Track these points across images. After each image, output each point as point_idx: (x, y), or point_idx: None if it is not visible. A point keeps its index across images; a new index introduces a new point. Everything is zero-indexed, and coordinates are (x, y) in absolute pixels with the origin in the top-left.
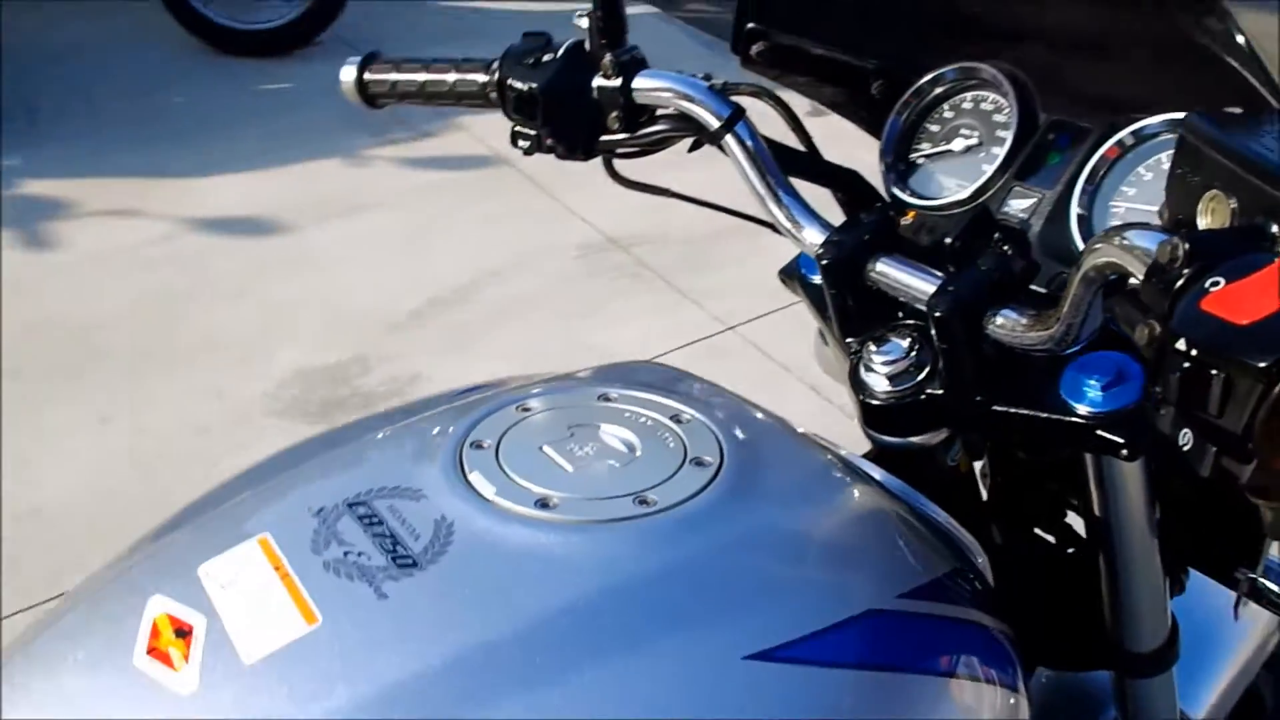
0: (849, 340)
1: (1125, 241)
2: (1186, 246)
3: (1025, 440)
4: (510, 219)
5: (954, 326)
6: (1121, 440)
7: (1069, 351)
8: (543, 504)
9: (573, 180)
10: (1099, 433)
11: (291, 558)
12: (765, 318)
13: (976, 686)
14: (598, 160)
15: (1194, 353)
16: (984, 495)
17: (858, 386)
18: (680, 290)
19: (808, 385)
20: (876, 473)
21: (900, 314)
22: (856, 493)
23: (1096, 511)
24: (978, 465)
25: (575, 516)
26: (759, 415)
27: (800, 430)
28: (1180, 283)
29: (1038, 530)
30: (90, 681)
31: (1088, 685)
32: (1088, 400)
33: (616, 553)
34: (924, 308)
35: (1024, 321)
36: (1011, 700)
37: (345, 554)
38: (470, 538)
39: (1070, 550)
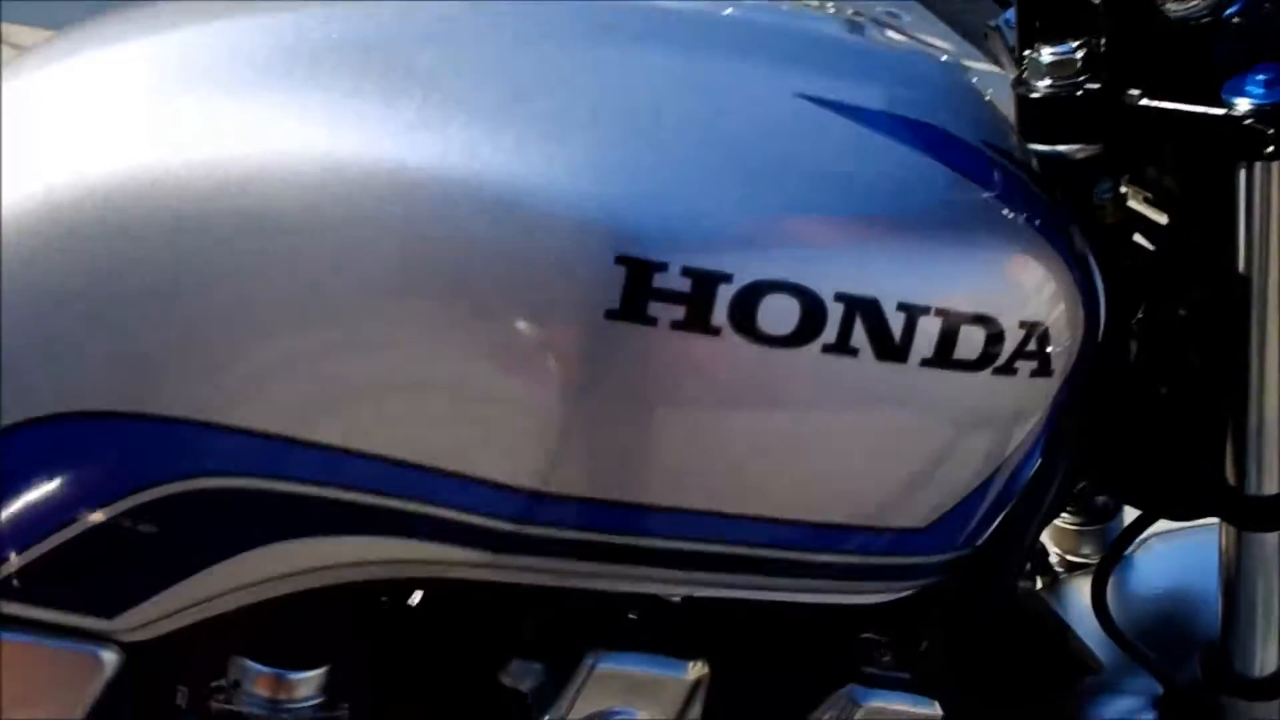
0: (1025, 52)
1: None
2: None
3: (1173, 144)
4: None
5: None
6: (1272, 131)
7: (1228, 14)
8: None
9: None
10: (1248, 123)
11: None
12: None
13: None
14: None
15: None
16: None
17: (1019, 86)
18: None
19: None
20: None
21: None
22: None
23: (1231, 276)
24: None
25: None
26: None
27: None
28: None
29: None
30: None
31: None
32: (1248, 95)
33: (701, 14)
34: None
35: None
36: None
37: None
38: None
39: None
